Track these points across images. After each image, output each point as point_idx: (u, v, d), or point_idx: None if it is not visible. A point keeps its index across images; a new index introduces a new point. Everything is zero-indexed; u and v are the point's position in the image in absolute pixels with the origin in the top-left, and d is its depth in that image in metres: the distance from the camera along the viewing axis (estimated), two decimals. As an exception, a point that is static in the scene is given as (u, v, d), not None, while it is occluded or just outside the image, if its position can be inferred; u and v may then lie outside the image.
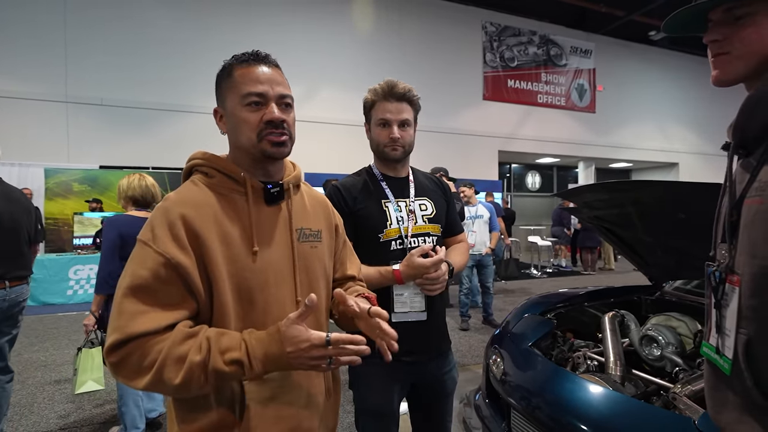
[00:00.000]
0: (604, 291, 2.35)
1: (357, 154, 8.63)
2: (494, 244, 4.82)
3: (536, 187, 13.69)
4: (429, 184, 1.49)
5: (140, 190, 2.32)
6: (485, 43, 10.66)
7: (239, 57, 0.90)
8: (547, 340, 1.88)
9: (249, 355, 0.75)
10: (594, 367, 1.73)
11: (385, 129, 1.35)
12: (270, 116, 0.87)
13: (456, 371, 1.48)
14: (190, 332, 0.76)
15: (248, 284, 0.84)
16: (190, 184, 0.88)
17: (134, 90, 7.90)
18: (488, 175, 10.46)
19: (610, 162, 12.99)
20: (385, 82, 1.35)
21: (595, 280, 7.98)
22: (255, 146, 0.88)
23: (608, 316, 1.93)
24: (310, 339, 0.77)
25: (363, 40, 9.55)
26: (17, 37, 7.33)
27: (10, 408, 2.78)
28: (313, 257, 0.97)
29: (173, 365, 0.72)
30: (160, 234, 0.78)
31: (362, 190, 1.40)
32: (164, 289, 0.76)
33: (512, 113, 10.96)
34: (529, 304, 2.18)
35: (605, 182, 1.80)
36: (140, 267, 0.76)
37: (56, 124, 7.54)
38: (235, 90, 0.88)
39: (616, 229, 2.15)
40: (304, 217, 0.98)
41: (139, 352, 0.73)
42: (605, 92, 12.07)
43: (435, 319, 1.38)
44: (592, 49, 11.86)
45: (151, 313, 0.74)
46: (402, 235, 1.35)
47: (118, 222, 2.19)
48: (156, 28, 8.07)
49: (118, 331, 0.73)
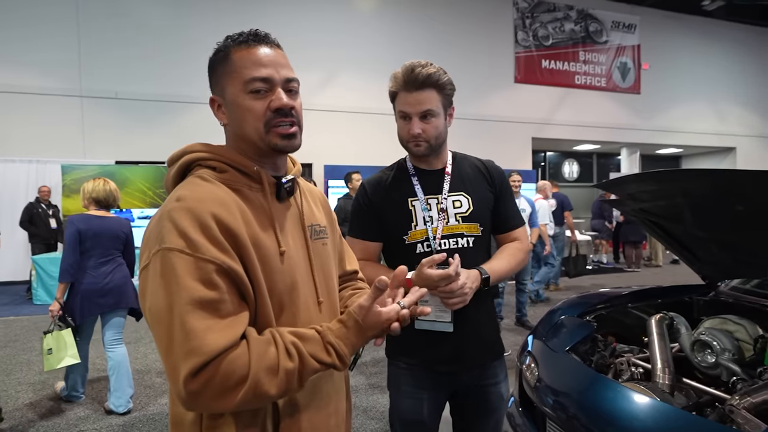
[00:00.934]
0: (651, 291, 2.28)
1: (382, 144, 8.65)
2: (534, 240, 4.77)
3: (574, 176, 13.36)
4: (471, 173, 1.39)
5: (104, 193, 2.88)
6: (516, 21, 10.42)
7: (236, 38, 0.85)
8: (586, 344, 1.83)
9: (339, 356, 0.79)
10: (639, 375, 1.68)
11: (406, 123, 1.29)
12: (278, 103, 0.82)
13: (506, 386, 1.42)
14: (267, 339, 0.75)
15: (278, 287, 0.82)
16: (199, 180, 0.82)
17: (148, 82, 8.12)
18: (521, 164, 10.26)
19: (657, 148, 12.53)
20: (404, 66, 1.26)
21: (639, 278, 7.75)
22: (263, 138, 0.84)
23: (655, 318, 1.86)
24: (389, 317, 0.81)
25: (382, 19, 9.49)
26: (31, 32, 7.64)
27: (30, 408, 2.96)
28: (326, 254, 0.97)
29: (267, 376, 0.71)
30: (197, 239, 0.72)
31: (389, 187, 1.36)
32: (224, 298, 0.72)
33: (547, 97, 10.71)
34: (566, 305, 2.13)
35: (652, 171, 1.73)
36: (188, 279, 0.70)
37: (72, 118, 7.84)
38: (236, 75, 0.83)
39: (664, 223, 2.07)
40: (311, 213, 0.97)
41: (223, 370, 0.69)
42: (651, 71, 11.61)
43: (470, 329, 1.31)
44: (636, 23, 11.42)
45: (221, 326, 0.70)
46: (430, 236, 1.30)
47: (76, 219, 2.81)
48: (168, 19, 8.26)
49: (195, 353, 0.67)
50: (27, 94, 7.61)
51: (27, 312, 5.67)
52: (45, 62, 7.69)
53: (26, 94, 7.61)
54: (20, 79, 7.60)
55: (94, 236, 2.82)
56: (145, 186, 7.53)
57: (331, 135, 8.59)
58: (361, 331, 0.80)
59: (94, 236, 2.82)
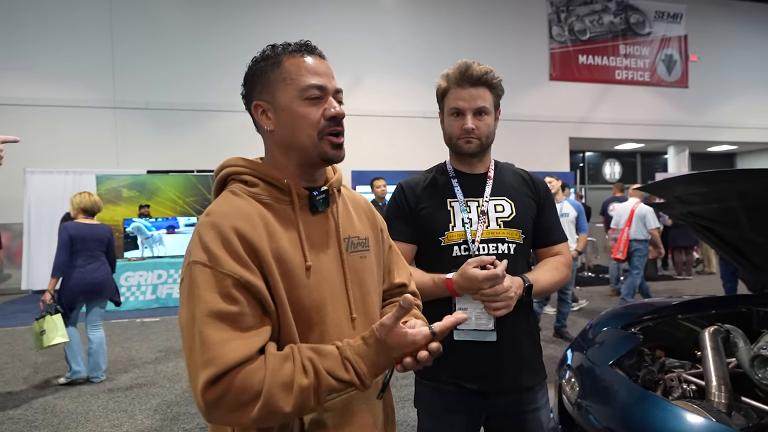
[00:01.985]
0: (704, 300, 2.17)
1: (410, 148, 8.68)
2: (581, 247, 4.56)
3: (615, 177, 12.96)
4: (514, 181, 1.38)
5: (90, 203, 3.67)
6: (551, 15, 10.25)
7: (287, 47, 0.88)
8: (631, 358, 1.76)
9: (358, 374, 0.76)
10: (692, 393, 1.60)
11: (458, 119, 1.29)
12: (333, 112, 0.86)
13: (546, 413, 1.36)
14: (285, 354, 0.76)
15: (303, 303, 0.82)
16: (230, 194, 0.86)
17: (176, 92, 8.47)
18: (558, 165, 10.05)
19: (708, 145, 12.02)
20: (458, 64, 1.28)
21: (690, 287, 7.41)
22: (316, 145, 0.86)
23: (709, 331, 1.77)
24: (416, 342, 0.78)
25: (410, 18, 9.54)
26: (68, 46, 8.13)
27: (67, 415, 3.11)
28: (364, 269, 0.95)
29: (281, 392, 0.72)
30: (218, 253, 0.75)
31: (426, 189, 1.36)
32: (243, 311, 0.75)
33: (585, 94, 10.47)
34: (609, 315, 2.06)
35: (702, 172, 1.66)
36: (208, 292, 0.74)
37: (106, 130, 8.27)
38: (291, 82, 0.85)
39: (717, 228, 1.98)
40: (350, 225, 0.96)
41: (239, 383, 0.71)
42: (700, 62, 11.17)
43: (511, 343, 1.27)
44: (682, 12, 11.02)
45: (238, 339, 0.73)
46: (468, 239, 1.28)
47: (69, 226, 3.60)
48: (195, 27, 8.58)
49: (213, 364, 0.70)
50: (64, 107, 8.09)
51: (64, 320, 5.96)
52: (81, 76, 8.17)
53: (64, 107, 8.09)
54: (58, 93, 8.09)
55: (83, 240, 3.58)
56: (175, 195, 7.82)
57: (358, 140, 8.68)
58: (384, 350, 0.78)
59: (83, 240, 3.58)
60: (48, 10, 8.06)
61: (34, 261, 7.60)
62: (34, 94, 8.02)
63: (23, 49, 8.01)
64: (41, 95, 8.03)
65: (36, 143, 8.00)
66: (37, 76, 8.07)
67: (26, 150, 7.88)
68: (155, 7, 8.51)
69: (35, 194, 7.63)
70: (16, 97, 7.95)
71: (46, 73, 8.07)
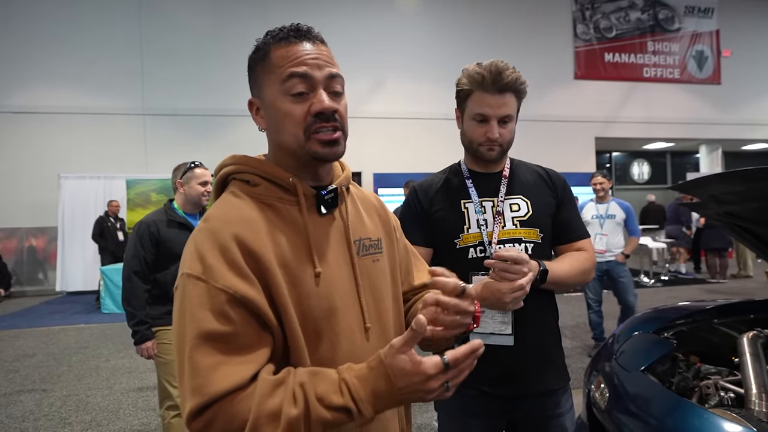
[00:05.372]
0: (741, 304, 2.08)
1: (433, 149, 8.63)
2: (630, 251, 4.21)
3: (644, 178, 12.61)
4: (531, 178, 1.34)
5: None
6: (575, 13, 10.07)
7: (276, 34, 0.79)
8: (664, 364, 1.70)
9: (354, 399, 0.66)
10: (730, 401, 1.53)
11: (481, 126, 1.24)
12: (319, 106, 0.75)
13: (571, 417, 1.32)
14: (277, 380, 0.68)
15: (312, 313, 0.75)
16: (231, 196, 0.79)
17: (203, 97, 8.69)
18: (584, 166, 9.84)
19: (743, 143, 11.58)
20: (488, 67, 1.20)
21: (726, 291, 7.13)
22: (302, 146, 0.77)
23: (748, 336, 1.70)
24: (425, 371, 0.66)
25: (430, 19, 9.51)
26: (101, 60, 8.45)
27: (99, 412, 3.19)
28: (377, 273, 0.87)
29: (267, 424, 0.65)
30: (214, 263, 0.69)
31: (440, 190, 1.33)
32: (236, 331, 0.68)
33: (611, 92, 10.23)
34: (640, 319, 1.99)
35: (739, 170, 1.59)
36: (200, 309, 0.67)
37: (135, 136, 8.54)
38: (274, 75, 0.77)
39: (756, 228, 1.89)
40: (360, 225, 0.88)
41: (225, 414, 0.65)
42: (733, 58, 10.77)
43: (532, 345, 1.24)
44: (713, 6, 10.67)
45: (230, 365, 0.67)
46: (484, 241, 1.25)
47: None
48: (219, 32, 8.77)
49: (198, 393, 0.65)
50: (96, 114, 8.40)
51: (96, 320, 6.14)
52: (112, 85, 8.47)
53: (95, 115, 8.40)
54: (89, 101, 8.41)
55: None
56: (201, 198, 8.00)
57: (380, 142, 8.70)
58: (385, 376, 0.67)
59: None
60: (83, 24, 8.40)
61: (68, 263, 7.88)
62: (69, 102, 8.35)
63: (61, 62, 8.36)
64: (76, 104, 8.36)
65: (70, 150, 8.33)
66: (73, 87, 8.41)
67: (61, 156, 8.23)
68: (182, 17, 8.75)
69: (69, 199, 7.92)
70: (53, 106, 8.31)
71: (80, 84, 8.41)
